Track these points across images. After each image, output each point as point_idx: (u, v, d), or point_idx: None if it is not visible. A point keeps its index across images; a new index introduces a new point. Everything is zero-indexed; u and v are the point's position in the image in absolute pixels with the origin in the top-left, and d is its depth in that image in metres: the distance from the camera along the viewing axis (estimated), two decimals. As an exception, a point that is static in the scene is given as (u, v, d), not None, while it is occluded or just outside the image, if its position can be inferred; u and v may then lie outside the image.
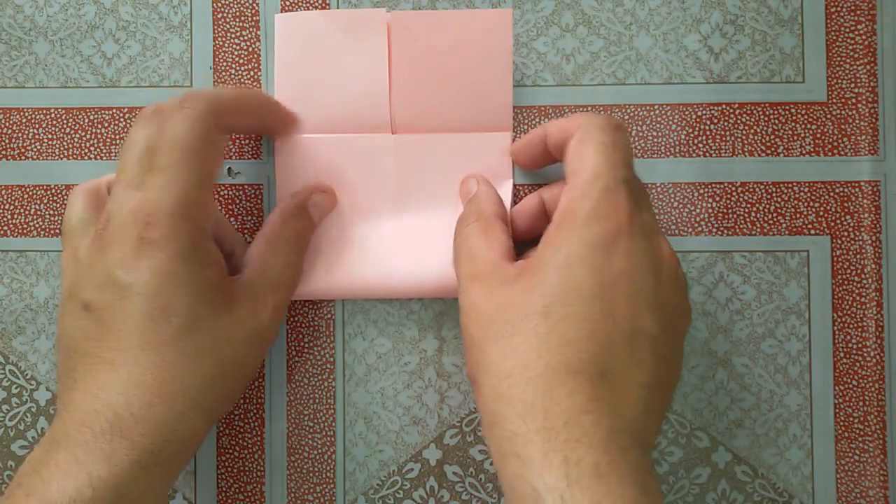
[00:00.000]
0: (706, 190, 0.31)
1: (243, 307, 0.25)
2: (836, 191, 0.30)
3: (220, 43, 0.31)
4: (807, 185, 0.30)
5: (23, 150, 0.32)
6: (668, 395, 0.24)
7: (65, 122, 0.32)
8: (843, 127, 0.30)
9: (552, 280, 0.23)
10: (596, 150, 0.24)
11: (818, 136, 0.30)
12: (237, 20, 0.31)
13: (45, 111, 0.32)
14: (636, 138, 0.31)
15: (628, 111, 0.31)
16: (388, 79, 0.29)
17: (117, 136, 0.31)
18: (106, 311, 0.23)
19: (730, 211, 0.30)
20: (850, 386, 0.30)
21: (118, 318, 0.23)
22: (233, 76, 0.31)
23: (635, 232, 0.23)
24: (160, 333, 0.23)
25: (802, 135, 0.30)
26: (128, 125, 0.31)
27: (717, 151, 0.31)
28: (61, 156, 0.32)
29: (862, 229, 0.30)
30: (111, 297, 0.23)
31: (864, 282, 0.30)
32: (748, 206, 0.30)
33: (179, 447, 0.23)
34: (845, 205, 0.30)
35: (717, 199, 0.31)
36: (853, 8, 0.30)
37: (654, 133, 0.31)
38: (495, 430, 0.22)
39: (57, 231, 0.31)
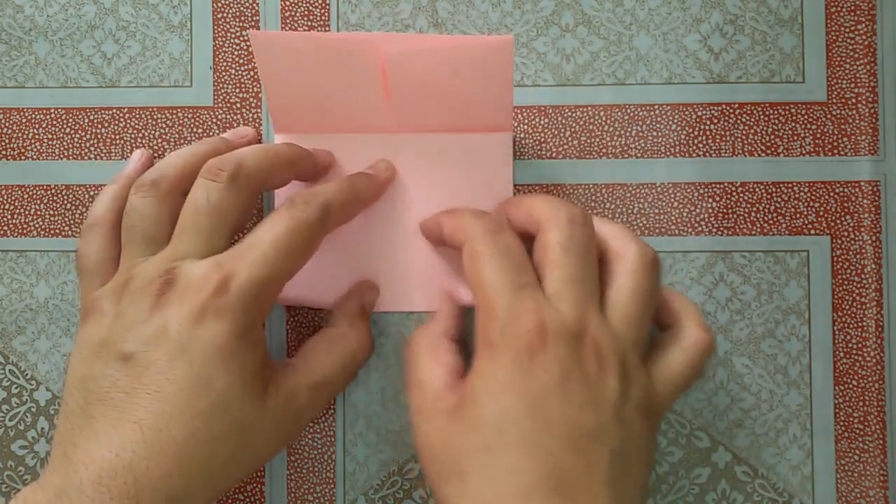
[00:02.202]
0: (706, 190, 0.31)
1: (277, 402, 0.25)
2: (836, 191, 0.30)
3: (220, 43, 0.31)
4: (807, 185, 0.30)
5: (23, 150, 0.32)
6: (641, 473, 0.24)
7: (65, 122, 0.32)
8: (843, 127, 0.30)
9: (485, 412, 0.23)
10: (484, 266, 0.24)
11: (818, 136, 0.30)
12: (237, 20, 0.31)
13: (45, 111, 0.32)
14: (636, 138, 0.31)
15: (628, 111, 0.31)
16: (384, 85, 0.28)
17: (117, 136, 0.31)
18: (147, 368, 0.23)
19: (730, 211, 0.30)
20: (850, 386, 0.30)
21: (159, 380, 0.23)
22: (233, 76, 0.31)
23: (548, 340, 0.23)
24: (195, 406, 0.23)
25: (802, 135, 0.30)
26: (128, 125, 0.31)
27: (717, 151, 0.31)
28: (61, 156, 0.32)
29: (862, 229, 0.30)
30: (158, 356, 0.23)
31: (864, 282, 0.30)
32: (748, 206, 0.30)
33: None
34: (845, 205, 0.30)
35: (717, 199, 0.31)
36: (853, 8, 0.30)
37: (654, 133, 0.31)
38: None
39: (57, 231, 0.31)
